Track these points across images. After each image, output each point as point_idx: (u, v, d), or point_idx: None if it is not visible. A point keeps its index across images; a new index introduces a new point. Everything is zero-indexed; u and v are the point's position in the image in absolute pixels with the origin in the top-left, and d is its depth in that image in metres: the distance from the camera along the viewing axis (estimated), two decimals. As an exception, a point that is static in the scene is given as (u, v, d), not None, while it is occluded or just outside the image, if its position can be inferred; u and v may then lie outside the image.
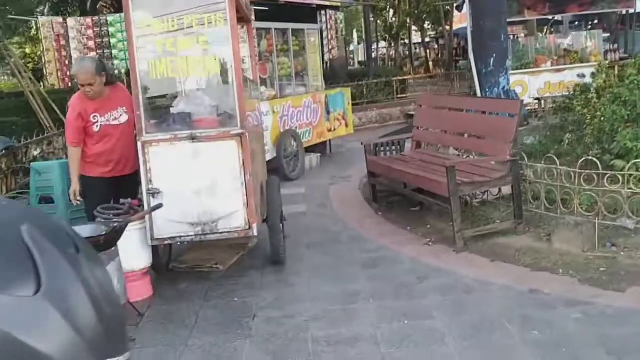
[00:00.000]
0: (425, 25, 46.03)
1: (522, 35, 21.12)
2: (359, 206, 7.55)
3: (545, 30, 25.76)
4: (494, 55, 10.28)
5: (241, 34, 6.51)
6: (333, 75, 18.23)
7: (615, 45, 14.39)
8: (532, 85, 14.05)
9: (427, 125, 7.33)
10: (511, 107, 5.87)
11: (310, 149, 10.63)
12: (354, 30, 72.34)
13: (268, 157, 9.13)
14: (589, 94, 9.18)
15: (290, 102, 9.75)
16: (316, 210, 7.51)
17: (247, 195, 4.85)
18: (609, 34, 15.35)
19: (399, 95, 15.94)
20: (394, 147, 8.42)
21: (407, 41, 52.13)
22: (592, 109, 8.10)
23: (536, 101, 12.94)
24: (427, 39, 47.20)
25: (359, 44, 74.69)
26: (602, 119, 7.13)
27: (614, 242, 5.30)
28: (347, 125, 11.62)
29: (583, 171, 5.52)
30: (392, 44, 54.55)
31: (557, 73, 13.91)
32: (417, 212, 6.88)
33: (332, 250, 5.88)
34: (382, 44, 59.46)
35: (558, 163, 5.78)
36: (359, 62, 68.91)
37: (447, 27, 38.05)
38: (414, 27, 47.36)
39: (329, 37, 10.39)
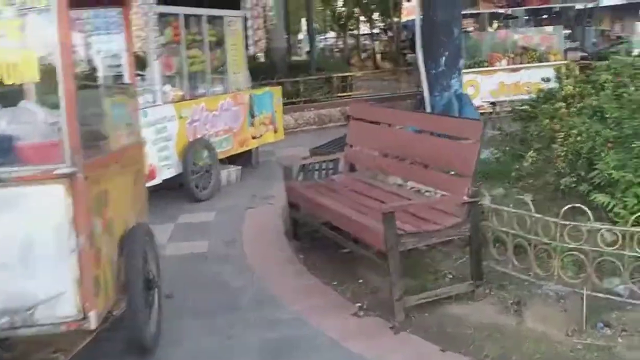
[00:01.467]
0: (374, 16, 44.67)
1: (471, 29, 19.88)
2: (277, 244, 5.95)
3: (496, 25, 24.73)
4: (446, 53, 8.83)
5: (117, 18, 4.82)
6: (272, 68, 16.61)
7: (577, 43, 13.19)
8: (484, 85, 12.74)
9: (362, 144, 5.79)
10: (470, 129, 4.37)
11: (231, 160, 9.00)
12: (303, 19, 70.97)
13: (172, 172, 7.48)
14: (555, 101, 7.84)
15: (204, 104, 8.07)
16: (220, 251, 5.88)
17: (81, 269, 3.20)
18: (569, 31, 14.17)
19: (340, 94, 14.39)
20: (325, 168, 6.89)
21: (355, 32, 50.86)
22: (562, 123, 6.72)
23: (490, 105, 11.58)
24: (375, 31, 45.79)
25: (307, 33, 73.49)
26: (578, 138, 5.74)
27: (607, 320, 3.87)
28: (276, 131, 10.01)
29: (567, 222, 4.06)
30: (340, 35, 53.17)
31: (513, 73, 12.64)
32: (348, 256, 5.33)
33: (225, 324, 4.27)
34: (331, 34, 58.07)
35: (531, 205, 4.30)
36: (307, 52, 67.75)
37: (396, 19, 36.79)
38: (362, 18, 46.02)
39: (255, 26, 8.66)
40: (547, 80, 8.48)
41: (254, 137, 9.37)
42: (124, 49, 4.59)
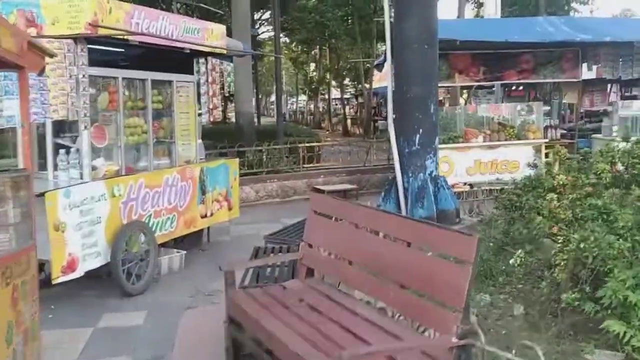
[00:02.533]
0: (345, 82, 44.58)
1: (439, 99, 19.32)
2: (213, 366, 4.79)
3: (467, 97, 24.27)
4: (421, 130, 7.96)
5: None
6: (238, 134, 15.65)
7: (556, 121, 12.52)
8: (459, 163, 11.86)
9: (323, 245, 4.73)
10: (463, 247, 3.33)
11: (178, 241, 7.89)
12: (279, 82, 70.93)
13: (99, 261, 6.32)
14: (544, 191, 6.94)
15: (143, 181, 6.97)
16: (141, 375, 4.70)
17: None
18: (549, 108, 13.53)
19: (307, 165, 13.42)
20: (280, 265, 5.80)
21: (326, 96, 50.68)
22: (555, 221, 5.79)
23: (465, 184, 10.69)
24: (346, 96, 45.63)
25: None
26: (582, 245, 4.77)
27: None
28: (230, 208, 8.92)
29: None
30: (312, 98, 52.97)
31: (490, 150, 11.81)
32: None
33: None
34: (303, 97, 57.90)
35: (540, 354, 3.24)
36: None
37: (367, 85, 36.56)
38: (333, 83, 45.89)
39: (210, 92, 7.68)
40: (534, 166, 7.62)
41: (204, 216, 8.26)
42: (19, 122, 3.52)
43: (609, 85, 18.59)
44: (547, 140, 11.92)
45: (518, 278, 5.95)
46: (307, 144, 13.98)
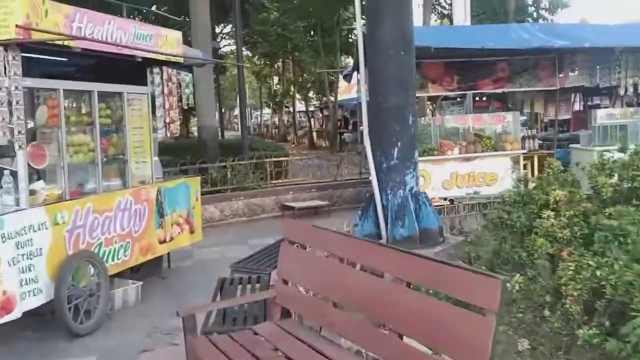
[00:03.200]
0: (310, 94, 44.02)
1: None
2: None
3: (433, 108, 23.80)
4: (399, 143, 7.32)
5: None
6: (202, 148, 14.85)
7: (534, 131, 12.03)
8: (435, 176, 11.30)
9: (300, 281, 4.02)
10: (483, 292, 2.65)
11: (134, 270, 7.09)
12: (238, 95, 70.15)
13: (41, 299, 5.50)
14: (536, 208, 6.36)
15: (91, 205, 6.16)
16: None
17: None
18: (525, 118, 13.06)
19: (275, 181, 12.67)
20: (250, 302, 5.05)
21: (291, 109, 50.02)
22: (558, 245, 5.19)
23: (446, 201, 10.07)
24: (312, 108, 45.02)
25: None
26: (598, 273, 4.15)
27: None
28: (192, 231, 8.13)
29: None
30: (276, 111, 52.22)
31: (466, 162, 11.27)
32: None
33: None
34: (267, 110, 57.13)
35: None
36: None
37: (332, 98, 36.04)
38: (297, 96, 45.29)
39: (166, 105, 6.93)
40: (520, 182, 7.01)
41: (163, 242, 7.46)
42: None
43: (572, 95, 18.35)
44: (525, 151, 11.42)
45: (518, 307, 5.31)
46: (275, 159, 13.24)
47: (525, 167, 11.51)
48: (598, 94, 20.48)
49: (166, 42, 7.15)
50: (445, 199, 10.11)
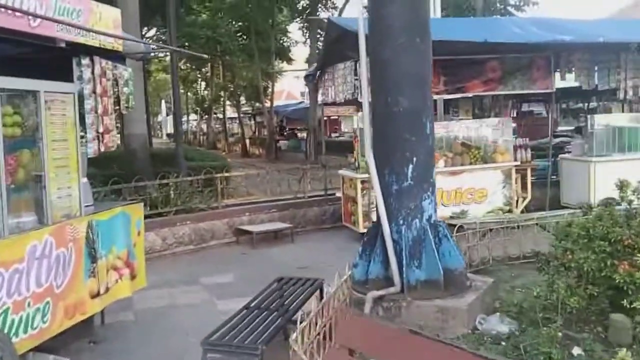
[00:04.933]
0: (242, 100, 41.92)
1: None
2: None
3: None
4: (414, 159, 5.59)
5: None
6: (130, 160, 12.67)
7: (526, 140, 10.60)
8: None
9: None
10: None
11: (59, 337, 5.04)
12: (162, 101, 67.07)
13: None
14: (610, 245, 4.79)
15: (-10, 257, 4.12)
16: None
17: None
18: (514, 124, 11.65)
19: (227, 200, 10.68)
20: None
21: (220, 116, 47.72)
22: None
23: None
24: (242, 115, 42.87)
25: (167, 115, 69.52)
26: None
27: None
28: (134, 276, 6.15)
29: None
30: (204, 117, 49.68)
31: (452, 177, 9.72)
32: None
33: None
34: (194, 116, 54.40)
35: None
36: (168, 135, 63.40)
37: (267, 104, 34.12)
38: (228, 102, 43.10)
39: (99, 109, 4.90)
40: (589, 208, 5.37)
41: (96, 296, 5.46)
42: None
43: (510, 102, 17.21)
44: (517, 162, 9.96)
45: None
46: (227, 174, 11.25)
47: (516, 181, 10.05)
48: (529, 100, 19.53)
49: (99, 21, 5.18)
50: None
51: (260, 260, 8.91)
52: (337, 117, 36.53)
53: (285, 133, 36.22)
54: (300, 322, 3.74)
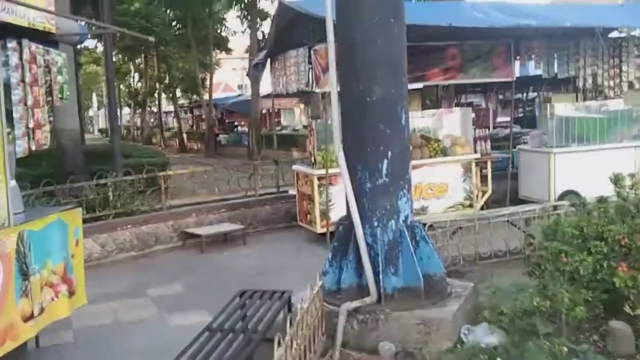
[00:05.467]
0: (177, 93, 40.58)
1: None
2: None
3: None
4: (389, 153, 5.07)
5: None
6: (62, 158, 11.72)
7: (486, 131, 10.25)
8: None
9: None
10: None
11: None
12: (94, 94, 64.61)
13: None
14: (605, 245, 4.39)
15: None
16: None
17: None
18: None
19: (172, 201, 9.90)
20: None
21: (155, 109, 46.16)
22: None
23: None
24: (179, 108, 41.51)
25: (99, 109, 67.05)
26: None
27: None
28: (72, 292, 5.39)
29: None
30: (137, 111, 47.96)
31: (413, 171, 9.17)
32: None
33: None
34: (127, 110, 52.49)
35: None
36: (100, 130, 61.08)
37: (206, 96, 33.02)
38: (163, 95, 41.67)
39: (28, 100, 4.10)
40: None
41: (29, 318, 4.69)
42: None
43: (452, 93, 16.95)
44: (477, 155, 9.60)
45: None
46: (171, 172, 10.46)
47: (475, 174, 9.69)
48: (466, 91, 19.39)
49: (27, -3, 4.40)
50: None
51: (211, 267, 8.22)
52: (276, 110, 35.72)
53: (224, 126, 35.18)
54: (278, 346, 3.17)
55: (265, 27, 28.71)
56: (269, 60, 10.11)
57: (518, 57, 9.67)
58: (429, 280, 5.11)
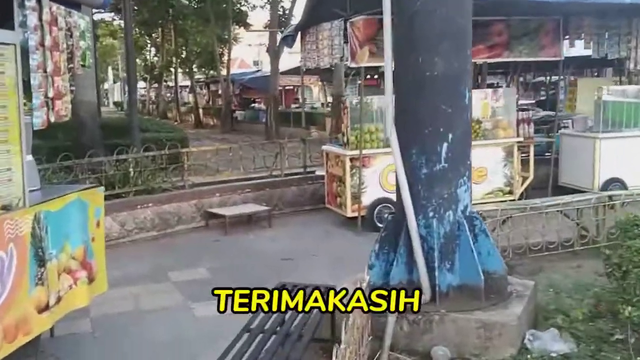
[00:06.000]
0: (194, 68, 39.94)
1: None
2: None
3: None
4: (450, 136, 4.52)
5: None
6: (80, 131, 11.25)
7: (529, 114, 9.64)
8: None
9: None
10: None
11: None
12: (109, 68, 64.19)
13: None
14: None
15: None
16: None
17: None
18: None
19: (192, 179, 9.38)
20: None
21: (171, 84, 45.64)
22: None
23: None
24: (195, 83, 40.94)
25: (114, 82, 66.67)
26: None
27: None
28: (92, 279, 4.91)
29: None
30: (153, 85, 47.47)
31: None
32: None
33: None
34: (142, 84, 52.05)
35: None
36: (115, 103, 60.73)
37: (223, 72, 32.39)
38: (180, 69, 41.10)
39: (49, 66, 3.55)
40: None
41: (44, 309, 4.22)
42: None
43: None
44: (521, 138, 9.01)
45: None
46: (194, 148, 9.94)
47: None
48: (488, 73, 18.70)
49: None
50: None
51: (236, 250, 7.75)
52: (292, 87, 34.91)
53: (240, 102, 34.57)
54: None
55: (286, 1, 28.03)
56: (299, 33, 9.52)
57: (567, 36, 9.00)
58: (488, 278, 4.56)
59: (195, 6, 32.58)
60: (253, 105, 34.71)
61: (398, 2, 4.55)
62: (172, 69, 40.58)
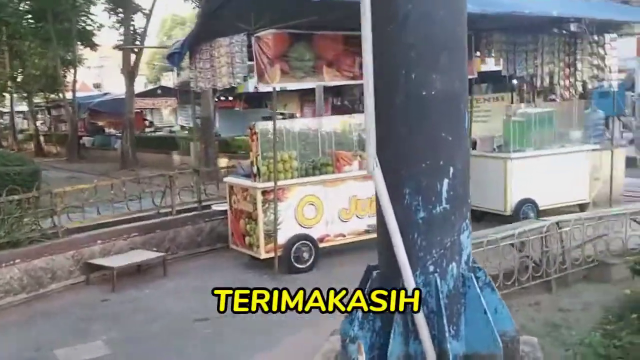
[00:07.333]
0: (34, 91, 36.41)
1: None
2: None
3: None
4: (451, 170, 3.61)
5: None
6: None
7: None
8: (329, 204, 7.79)
9: None
10: None
11: None
12: None
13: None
14: None
15: None
16: None
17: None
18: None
19: (70, 227, 7.73)
20: None
21: (5, 110, 41.48)
22: None
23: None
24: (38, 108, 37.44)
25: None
26: None
27: None
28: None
29: None
30: (-18, 111, 42.80)
31: (367, 182, 7.89)
32: None
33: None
34: (-32, 110, 46.70)
35: None
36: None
37: (68, 95, 29.62)
38: (16, 94, 37.33)
39: None
40: None
41: None
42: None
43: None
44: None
45: None
46: (68, 187, 8.23)
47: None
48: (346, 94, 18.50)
49: None
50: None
51: (132, 311, 6.33)
52: (139, 110, 32.45)
53: (88, 128, 31.87)
54: None
55: (137, 21, 26.10)
56: (187, 51, 8.28)
57: (478, 53, 8.60)
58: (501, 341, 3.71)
59: (34, 26, 29.57)
60: (103, 130, 32.13)
61: (382, 6, 3.59)
62: (7, 94, 36.73)
